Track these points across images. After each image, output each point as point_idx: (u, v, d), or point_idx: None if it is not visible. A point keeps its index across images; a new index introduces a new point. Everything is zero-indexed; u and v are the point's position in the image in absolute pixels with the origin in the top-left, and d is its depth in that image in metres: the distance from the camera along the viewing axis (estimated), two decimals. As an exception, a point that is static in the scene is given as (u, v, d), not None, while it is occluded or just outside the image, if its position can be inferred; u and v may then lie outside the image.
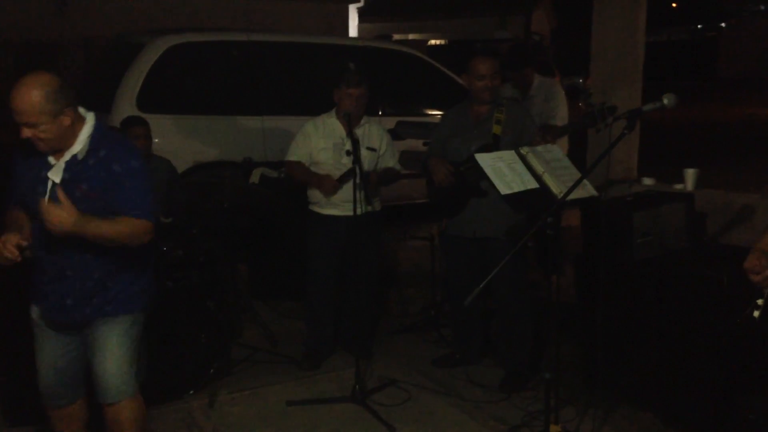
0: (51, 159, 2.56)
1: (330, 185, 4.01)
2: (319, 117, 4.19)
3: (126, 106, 5.41)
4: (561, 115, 4.93)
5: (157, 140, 4.73)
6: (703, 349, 3.29)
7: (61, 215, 2.37)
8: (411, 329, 4.75)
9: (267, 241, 5.23)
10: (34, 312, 2.75)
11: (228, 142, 5.80)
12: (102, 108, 5.63)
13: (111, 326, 2.67)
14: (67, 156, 2.54)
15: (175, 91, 5.84)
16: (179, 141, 5.59)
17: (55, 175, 2.53)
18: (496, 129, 3.77)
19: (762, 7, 25.51)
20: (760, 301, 2.38)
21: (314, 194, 4.16)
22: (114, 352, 2.67)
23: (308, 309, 4.31)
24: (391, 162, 4.26)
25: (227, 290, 4.44)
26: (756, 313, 2.38)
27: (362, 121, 4.13)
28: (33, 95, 2.41)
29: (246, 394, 3.84)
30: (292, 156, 4.18)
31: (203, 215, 4.38)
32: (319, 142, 4.10)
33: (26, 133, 2.46)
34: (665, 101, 2.90)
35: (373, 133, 4.18)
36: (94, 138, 2.57)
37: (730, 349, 3.22)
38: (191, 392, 3.74)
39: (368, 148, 4.11)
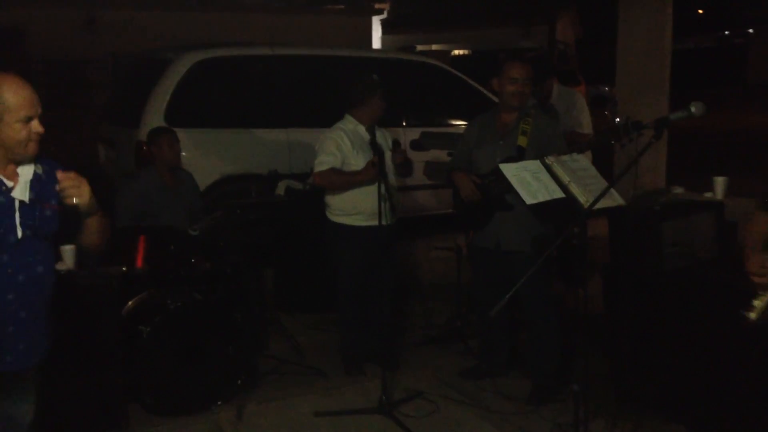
0: (3, 179, 2.26)
1: (373, 171, 3.88)
2: (341, 123, 4.17)
3: (154, 121, 5.48)
4: (585, 123, 4.90)
5: (184, 154, 4.79)
6: (733, 360, 3.24)
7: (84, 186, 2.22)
8: (437, 340, 4.73)
9: (292, 254, 5.26)
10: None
11: (254, 155, 5.85)
12: (130, 123, 5.74)
13: None
14: (28, 174, 2.30)
15: (202, 105, 5.91)
16: (206, 154, 5.66)
17: (22, 195, 2.26)
18: (522, 140, 3.74)
19: (791, 12, 25.14)
20: (756, 303, 2.35)
21: (345, 205, 4.14)
22: None
23: (343, 319, 4.32)
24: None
25: (253, 302, 4.47)
26: (753, 315, 2.35)
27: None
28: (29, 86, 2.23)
29: (273, 405, 3.85)
30: (325, 165, 4.09)
31: (229, 228, 4.41)
32: (351, 146, 4.08)
33: (41, 128, 2.25)
34: (693, 109, 2.86)
35: (387, 137, 4.26)
36: None
37: (762, 360, 3.16)
38: (219, 403, 3.76)
39: (390, 150, 4.19)
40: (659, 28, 5.31)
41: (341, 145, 4.08)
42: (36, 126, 2.24)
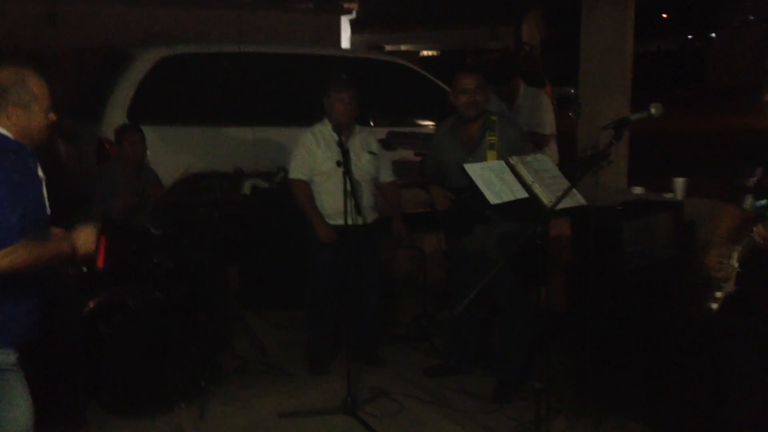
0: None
1: (325, 234, 4.01)
2: (314, 127, 4.18)
3: (117, 117, 5.41)
4: (548, 124, 4.95)
5: (149, 151, 4.73)
6: (691, 356, 3.30)
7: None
8: (402, 339, 4.74)
9: (257, 252, 5.22)
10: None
11: (219, 152, 5.78)
12: (92, 118, 5.64)
13: None
14: None
15: (166, 102, 5.84)
16: (170, 152, 5.58)
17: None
18: (491, 155, 3.74)
19: (751, 17, 25.74)
20: (718, 294, 2.41)
21: (319, 206, 4.13)
22: None
23: (311, 317, 4.33)
24: (388, 172, 4.29)
25: (217, 301, 4.43)
26: (714, 306, 2.41)
27: (356, 129, 4.14)
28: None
29: (237, 406, 3.82)
30: (296, 173, 4.13)
31: (193, 226, 4.37)
32: (320, 152, 4.08)
33: (55, 116, 2.48)
34: (652, 111, 2.92)
35: (371, 138, 4.22)
36: None
37: (717, 356, 3.23)
38: (183, 406, 3.71)
39: (370, 152, 4.15)
40: (621, 31, 5.39)
41: (311, 149, 4.10)
42: (52, 115, 2.47)
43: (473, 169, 3.48)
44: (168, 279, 3.94)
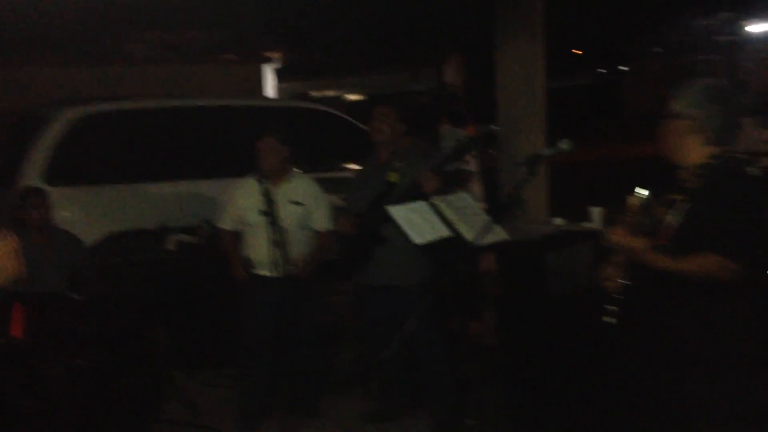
0: None
1: (237, 275, 4.11)
2: (245, 177, 4.16)
3: (33, 181, 5.25)
4: (471, 161, 5.06)
5: (67, 213, 4.60)
6: (618, 378, 3.37)
7: None
8: (338, 387, 4.67)
9: (186, 309, 5.10)
10: None
11: (142, 210, 5.68)
12: (7, 184, 5.46)
13: None
14: None
15: (85, 162, 5.70)
16: (91, 212, 5.45)
17: None
18: (392, 176, 3.82)
19: (658, 50, 27.17)
20: (612, 308, 2.50)
21: (246, 256, 4.12)
22: None
23: (243, 372, 4.24)
24: (322, 220, 4.20)
25: (144, 363, 4.29)
26: (611, 320, 2.49)
27: (290, 176, 4.13)
28: None
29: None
30: (222, 223, 4.24)
31: (117, 288, 4.25)
32: (244, 202, 4.08)
33: None
34: (563, 146, 3.03)
35: (300, 187, 4.15)
36: None
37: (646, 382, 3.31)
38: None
39: (292, 202, 4.08)
40: (532, 68, 5.62)
41: (235, 199, 4.15)
42: None
43: (396, 211, 3.52)
44: (91, 345, 3.80)
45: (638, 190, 2.21)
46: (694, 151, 2.44)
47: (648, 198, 2.51)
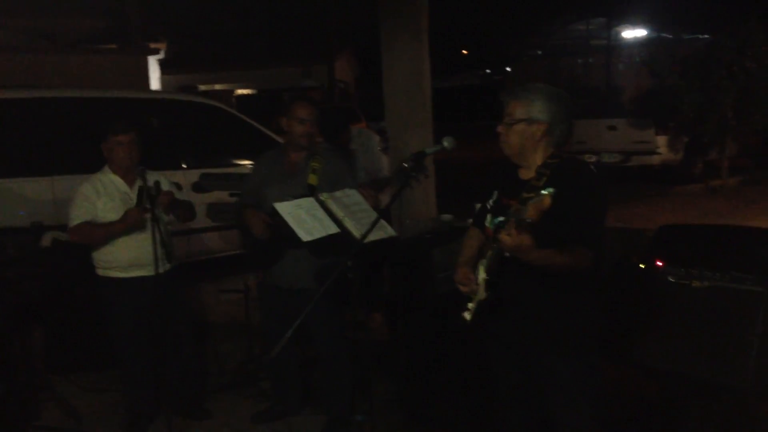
0: None
1: (133, 216, 3.75)
2: (93, 176, 3.94)
3: None
4: (384, 166, 5.11)
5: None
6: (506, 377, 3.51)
7: None
8: (229, 387, 4.60)
9: (62, 310, 4.85)
10: None
11: (14, 206, 5.36)
12: None
13: None
14: None
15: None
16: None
17: None
18: (312, 179, 3.75)
19: (539, 52, 28.38)
20: (470, 305, 2.65)
21: (104, 257, 3.92)
22: None
23: (125, 376, 4.08)
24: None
25: (19, 368, 4.05)
26: (467, 315, 2.64)
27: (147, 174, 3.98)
28: None
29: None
30: (77, 220, 3.84)
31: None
32: (102, 203, 3.86)
33: None
34: (445, 144, 3.11)
35: (163, 180, 4.03)
36: None
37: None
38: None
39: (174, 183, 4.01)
40: (418, 67, 5.73)
41: (89, 200, 3.86)
42: None
43: (283, 208, 3.49)
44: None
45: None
46: (541, 152, 2.63)
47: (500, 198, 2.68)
